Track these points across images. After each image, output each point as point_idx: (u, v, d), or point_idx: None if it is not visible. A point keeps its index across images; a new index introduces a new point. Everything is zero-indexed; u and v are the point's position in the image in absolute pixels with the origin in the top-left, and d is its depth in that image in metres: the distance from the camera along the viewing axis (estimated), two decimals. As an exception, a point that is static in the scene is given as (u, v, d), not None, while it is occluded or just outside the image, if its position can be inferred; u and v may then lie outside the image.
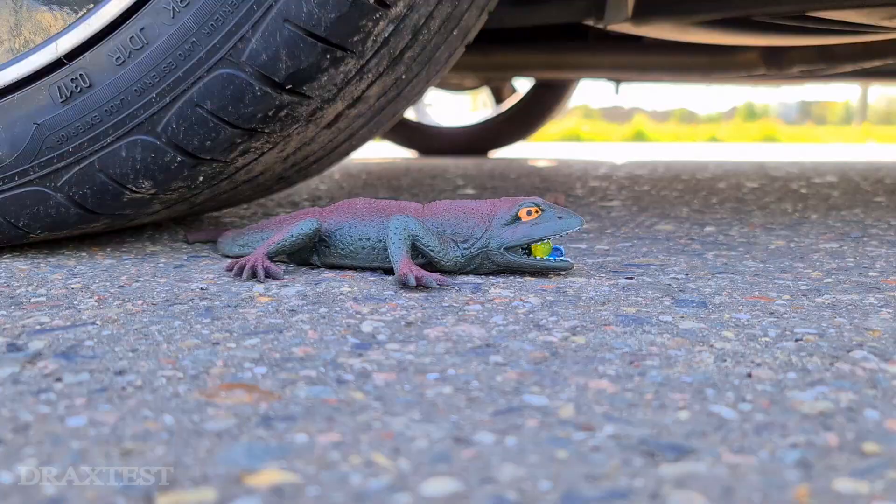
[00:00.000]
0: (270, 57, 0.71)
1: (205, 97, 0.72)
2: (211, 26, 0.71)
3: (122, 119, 0.73)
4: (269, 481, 0.32)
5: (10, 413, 0.39)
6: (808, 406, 0.40)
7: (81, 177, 0.75)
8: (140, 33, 0.72)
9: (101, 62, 0.73)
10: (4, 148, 0.75)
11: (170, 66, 0.72)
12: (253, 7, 0.70)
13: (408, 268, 0.66)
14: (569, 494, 0.31)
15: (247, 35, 0.70)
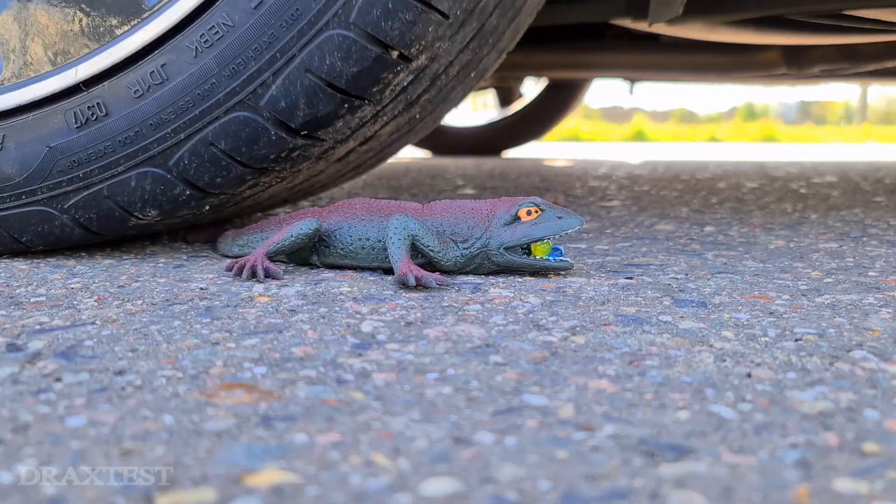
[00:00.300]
0: (289, 104, 0.72)
1: (220, 137, 0.73)
2: (232, 69, 0.71)
3: (134, 150, 0.74)
4: (268, 481, 0.32)
5: (10, 413, 0.39)
6: (808, 406, 0.41)
7: (89, 201, 0.76)
8: (161, 69, 0.73)
9: (120, 93, 0.74)
10: (15, 167, 0.75)
11: (188, 104, 0.72)
12: (276, 55, 0.71)
13: (407, 268, 0.66)
14: (568, 494, 0.31)
15: (267, 81, 0.71)
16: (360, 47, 0.70)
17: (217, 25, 0.71)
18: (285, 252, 0.73)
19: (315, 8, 0.69)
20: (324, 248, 0.75)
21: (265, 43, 0.71)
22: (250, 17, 0.71)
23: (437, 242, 0.70)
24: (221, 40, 0.71)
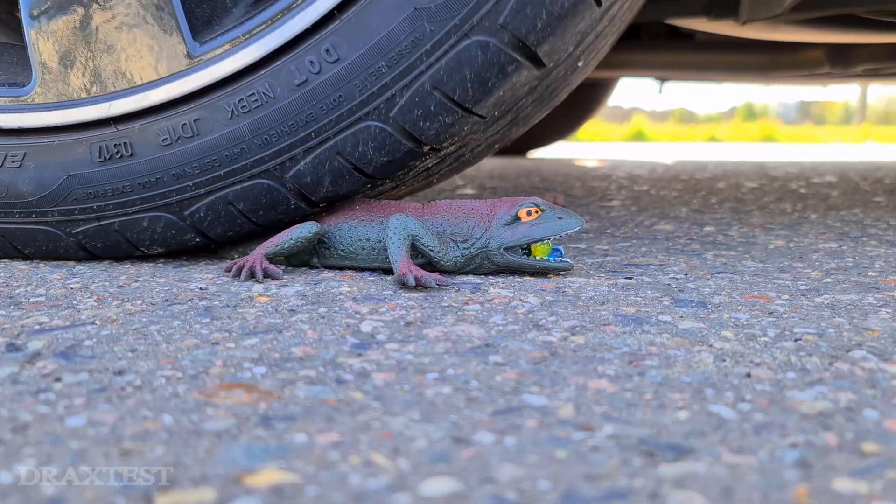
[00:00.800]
0: (314, 181, 0.73)
1: (240, 199, 0.74)
2: (264, 139, 0.72)
3: (152, 195, 0.74)
4: (268, 481, 0.32)
5: (10, 413, 0.39)
6: (808, 406, 0.41)
7: (98, 232, 0.76)
8: (193, 123, 0.73)
9: (148, 137, 0.74)
10: (30, 186, 0.75)
11: (214, 162, 0.73)
12: (311, 135, 0.71)
13: (407, 268, 0.66)
14: (568, 494, 0.31)
15: (297, 157, 0.72)
16: (395, 141, 0.71)
17: (258, 94, 0.72)
18: (284, 254, 0.73)
19: (358, 98, 0.70)
20: (324, 250, 0.75)
21: (302, 121, 0.71)
22: (292, 93, 0.71)
23: (437, 242, 0.70)
24: (259, 109, 0.72)
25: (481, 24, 0.68)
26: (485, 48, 0.69)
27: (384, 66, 0.70)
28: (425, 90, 0.70)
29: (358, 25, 0.70)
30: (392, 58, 0.69)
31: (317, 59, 0.70)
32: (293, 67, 0.71)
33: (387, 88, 0.70)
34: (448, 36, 0.68)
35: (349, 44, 0.70)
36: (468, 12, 0.68)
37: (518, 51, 0.69)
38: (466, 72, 0.69)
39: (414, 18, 0.68)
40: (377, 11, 0.69)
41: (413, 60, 0.69)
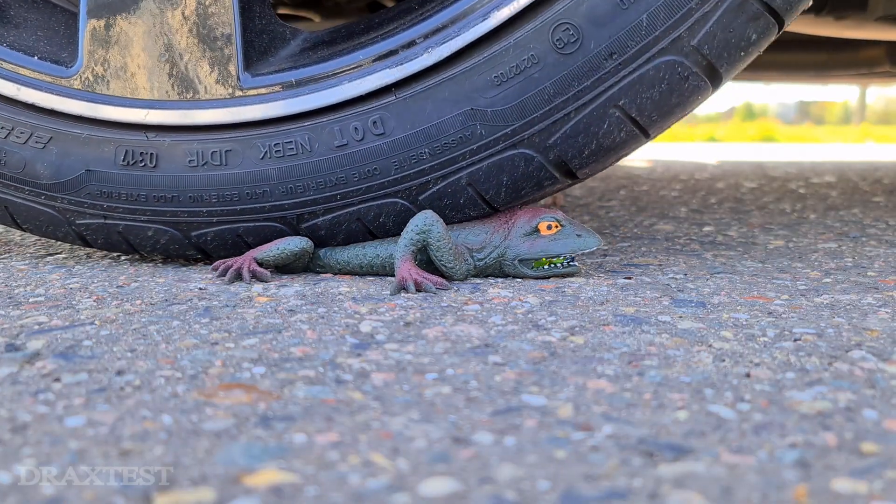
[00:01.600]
0: (327, 236, 0.74)
1: (250, 234, 0.74)
2: (289, 188, 0.73)
3: (164, 210, 0.74)
4: (267, 481, 0.32)
5: (9, 413, 0.39)
6: (807, 406, 0.41)
7: (101, 228, 0.76)
8: (224, 153, 0.73)
9: (176, 155, 0.73)
10: (48, 170, 0.75)
11: (233, 196, 0.73)
12: (336, 196, 0.72)
13: (408, 272, 0.66)
14: (568, 494, 0.31)
15: (317, 212, 0.73)
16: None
17: (295, 143, 0.72)
18: (270, 263, 0.71)
19: (393, 175, 0.71)
20: (319, 267, 0.74)
21: (331, 181, 0.72)
22: (329, 152, 0.71)
23: (453, 257, 0.68)
24: (292, 157, 0.72)
25: (531, 139, 0.69)
26: (529, 161, 0.70)
27: (426, 153, 0.70)
28: (460, 185, 0.71)
29: (412, 107, 0.70)
30: (436, 147, 0.70)
31: (362, 127, 0.71)
32: (337, 128, 0.71)
33: (423, 174, 0.71)
34: (497, 142, 0.69)
35: (398, 122, 0.70)
36: (522, 126, 0.69)
37: (559, 169, 0.71)
38: (505, 178, 0.70)
39: (468, 117, 0.69)
40: (434, 100, 0.70)
41: (456, 155, 0.70)
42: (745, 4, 0.67)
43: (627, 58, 0.67)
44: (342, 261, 0.73)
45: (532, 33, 0.68)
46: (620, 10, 0.67)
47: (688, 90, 0.69)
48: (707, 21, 0.67)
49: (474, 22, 0.69)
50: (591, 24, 0.67)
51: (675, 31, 0.67)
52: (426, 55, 0.69)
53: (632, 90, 0.68)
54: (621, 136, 0.70)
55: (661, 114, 0.70)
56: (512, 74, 0.68)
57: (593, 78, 0.68)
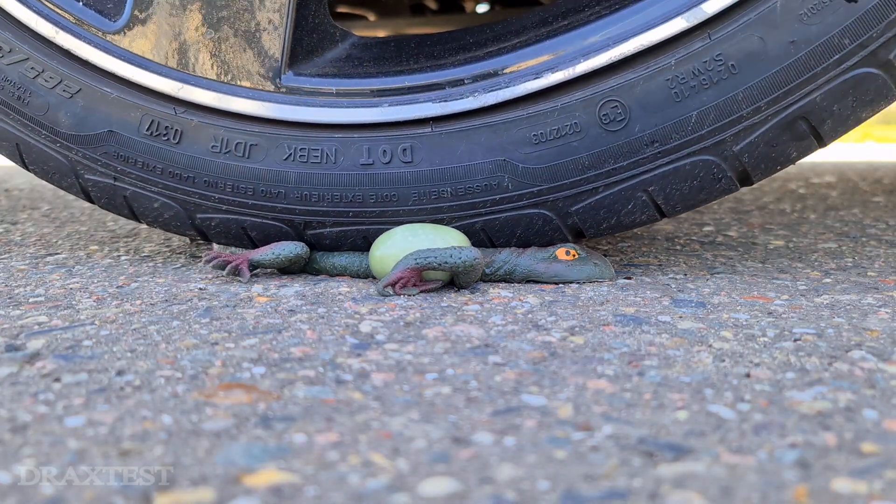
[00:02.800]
0: (331, 246, 0.75)
1: (254, 228, 0.74)
2: (304, 195, 0.72)
3: (176, 187, 0.73)
4: (267, 481, 0.32)
5: (9, 413, 0.39)
6: (807, 406, 0.41)
7: (108, 189, 0.75)
8: (249, 146, 0.71)
9: (200, 136, 0.72)
10: (70, 120, 0.73)
11: (246, 190, 0.72)
12: (349, 213, 0.72)
13: (405, 283, 0.64)
14: (568, 494, 0.31)
15: (325, 223, 0.72)
16: None
17: (321, 151, 0.71)
18: (266, 266, 0.71)
19: (410, 206, 0.71)
20: (314, 271, 0.74)
21: (347, 198, 0.71)
22: (355, 170, 0.71)
23: (469, 281, 0.67)
24: (314, 165, 0.71)
25: (554, 203, 0.69)
26: (547, 222, 0.70)
27: (448, 192, 0.70)
28: (473, 229, 0.71)
29: (445, 144, 0.69)
30: (460, 189, 0.70)
31: (391, 151, 0.70)
32: (366, 146, 0.70)
33: (440, 211, 0.70)
34: (521, 198, 0.69)
35: (428, 155, 0.70)
36: (549, 189, 0.69)
37: (572, 232, 0.71)
38: (519, 231, 0.70)
39: (499, 167, 0.69)
40: (469, 143, 0.69)
41: (477, 201, 0.70)
42: (793, 124, 0.66)
43: (668, 149, 0.67)
44: (339, 266, 0.72)
45: (580, 102, 0.67)
46: (673, 101, 0.66)
47: (717, 189, 0.69)
48: (753, 132, 0.66)
49: (526, 77, 0.68)
50: (641, 108, 0.67)
51: (720, 133, 0.67)
52: (471, 98, 0.69)
53: (664, 179, 0.68)
54: (641, 218, 0.70)
55: (685, 205, 0.70)
56: (551, 137, 0.68)
57: (630, 160, 0.68)
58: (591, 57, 0.67)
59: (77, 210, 1.25)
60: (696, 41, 0.66)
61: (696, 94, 0.66)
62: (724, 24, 0.66)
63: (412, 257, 0.64)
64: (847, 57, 0.65)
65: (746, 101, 0.66)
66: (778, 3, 0.65)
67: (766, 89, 0.66)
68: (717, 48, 0.66)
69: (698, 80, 0.66)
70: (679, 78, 0.66)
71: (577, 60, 0.67)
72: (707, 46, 0.66)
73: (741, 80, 0.66)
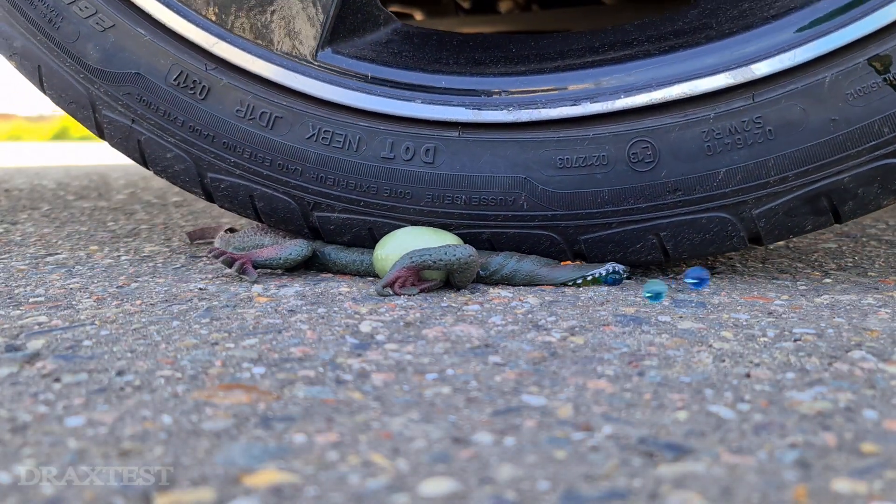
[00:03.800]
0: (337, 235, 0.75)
1: (261, 200, 0.74)
2: (320, 176, 0.72)
3: (192, 142, 0.73)
4: (267, 481, 0.32)
5: (9, 413, 0.39)
6: (807, 406, 0.41)
7: (124, 130, 0.74)
8: (273, 117, 0.72)
9: (226, 97, 0.72)
10: (99, 54, 0.72)
11: (264, 160, 0.72)
12: (353, 202, 0.72)
13: (403, 282, 0.64)
14: (568, 494, 0.31)
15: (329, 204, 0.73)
16: None
17: (344, 137, 0.71)
18: (272, 268, 0.72)
19: (423, 207, 0.71)
20: (319, 265, 0.74)
21: (374, 187, 0.71)
22: (376, 161, 0.70)
23: (466, 281, 0.67)
24: (338, 150, 0.71)
25: (565, 229, 0.69)
26: (554, 244, 0.70)
27: (462, 200, 0.70)
28: (480, 239, 0.71)
29: (469, 151, 0.69)
30: (474, 199, 0.70)
31: (413, 149, 0.70)
32: (390, 140, 0.70)
33: (450, 217, 0.71)
34: (533, 218, 0.69)
35: (450, 159, 0.69)
36: (563, 215, 0.69)
37: (576, 258, 0.71)
38: (523, 248, 0.71)
39: (518, 184, 0.69)
40: (493, 154, 0.69)
41: (489, 214, 0.70)
42: (816, 199, 0.66)
43: (689, 200, 0.67)
44: (343, 262, 0.72)
45: (612, 136, 0.67)
46: (704, 154, 0.66)
47: (726, 245, 0.69)
48: (776, 199, 0.66)
49: (564, 102, 0.68)
50: (672, 154, 0.67)
51: (743, 195, 0.66)
52: (505, 111, 0.69)
53: (678, 228, 0.68)
54: (646, 257, 0.70)
55: (691, 254, 0.70)
56: (577, 165, 0.68)
57: (650, 203, 0.68)
58: (632, 94, 0.67)
59: (77, 210, 1.25)
60: (738, 99, 0.66)
61: (728, 151, 0.66)
62: (769, 88, 0.65)
63: (408, 256, 0.65)
64: (883, 145, 0.64)
65: (776, 168, 0.66)
66: (827, 78, 0.64)
67: (798, 161, 0.65)
68: (758, 111, 0.65)
69: (733, 138, 0.66)
70: (715, 132, 0.66)
71: (618, 95, 0.67)
72: (749, 107, 0.65)
73: (775, 147, 0.65)
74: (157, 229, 1.03)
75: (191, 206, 1.33)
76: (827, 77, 0.64)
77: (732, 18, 0.69)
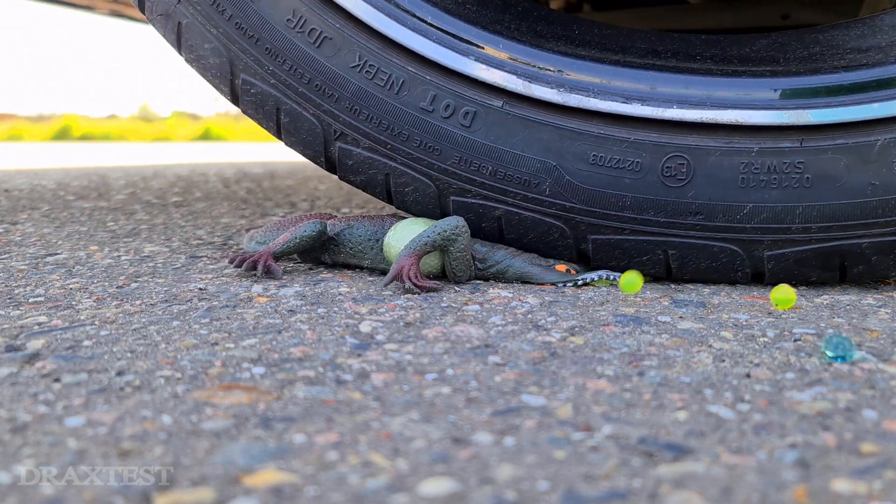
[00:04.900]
0: None
1: (286, 114, 0.72)
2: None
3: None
4: (267, 481, 0.32)
5: (9, 413, 0.39)
6: (807, 406, 0.41)
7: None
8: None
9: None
10: None
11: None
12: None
13: (408, 269, 0.65)
14: (568, 494, 0.31)
15: None
16: None
17: (380, 71, 0.70)
18: (291, 252, 0.73)
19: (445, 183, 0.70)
20: (333, 247, 0.75)
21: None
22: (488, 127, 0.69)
23: (466, 266, 0.68)
24: (371, 81, 0.71)
25: (577, 224, 0.69)
26: (563, 236, 0.70)
27: (488, 170, 0.69)
28: (492, 214, 0.71)
29: (507, 124, 0.69)
30: (500, 172, 0.69)
31: (454, 108, 0.69)
32: (432, 93, 0.69)
33: (471, 182, 0.70)
34: (551, 206, 0.69)
35: (486, 127, 0.69)
36: (580, 210, 0.68)
37: (580, 255, 0.71)
38: (531, 235, 0.71)
39: (546, 170, 0.68)
40: (530, 133, 0.68)
41: (509, 190, 0.69)
42: (830, 257, 0.66)
43: (708, 225, 0.67)
44: (351, 244, 0.73)
45: (651, 145, 0.67)
46: (737, 185, 0.66)
47: (729, 277, 0.69)
48: (791, 247, 0.66)
49: (614, 97, 0.67)
50: (705, 177, 0.66)
51: (761, 234, 0.66)
52: (555, 91, 0.68)
53: (689, 250, 0.68)
54: (648, 271, 0.70)
55: (693, 277, 0.70)
56: (609, 164, 0.67)
57: (669, 219, 0.67)
58: (685, 108, 0.66)
59: (77, 210, 1.25)
60: (786, 140, 0.65)
61: (761, 188, 0.65)
62: (820, 136, 0.65)
63: (406, 248, 0.66)
64: None
65: (802, 217, 0.65)
66: (879, 142, 0.64)
67: (826, 215, 0.65)
68: (802, 156, 0.65)
69: (770, 176, 0.65)
70: (753, 166, 0.65)
71: (671, 105, 0.66)
72: (795, 150, 0.65)
73: (808, 196, 0.65)
74: (157, 229, 1.03)
75: (191, 207, 1.33)
76: (879, 140, 0.64)
77: (801, 59, 0.69)
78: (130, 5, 1.47)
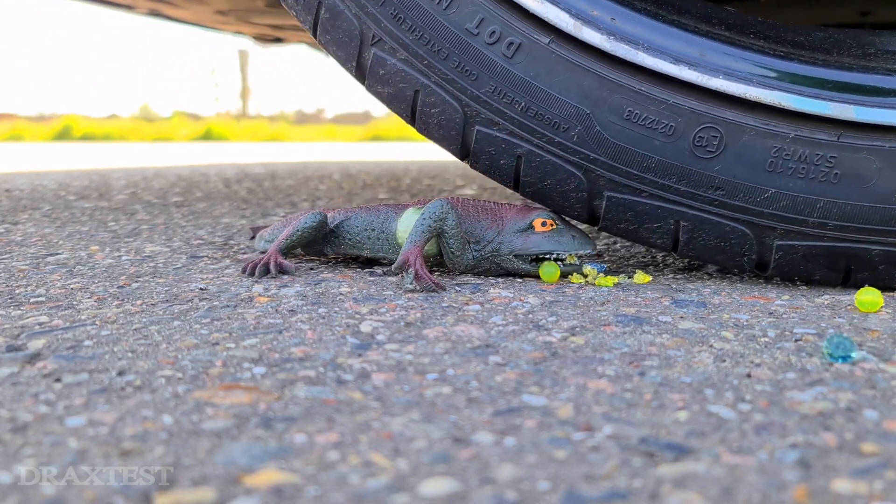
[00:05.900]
0: None
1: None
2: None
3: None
4: (267, 481, 0.32)
5: (9, 413, 0.39)
6: (808, 406, 0.41)
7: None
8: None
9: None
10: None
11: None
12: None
13: (415, 257, 0.66)
14: (568, 494, 0.31)
15: None
16: None
17: None
18: (296, 245, 0.75)
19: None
20: (334, 239, 0.76)
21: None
22: None
23: (460, 244, 0.69)
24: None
25: (596, 179, 0.68)
26: (578, 188, 0.69)
27: (520, 105, 0.68)
28: (513, 153, 0.69)
29: (548, 62, 0.67)
30: (531, 110, 0.68)
31: (499, 35, 0.67)
32: (480, 16, 0.68)
33: (501, 115, 0.69)
34: (575, 153, 0.68)
35: (526, 62, 0.67)
36: (603, 163, 0.68)
37: (590, 213, 0.70)
38: (548, 180, 0.70)
39: (578, 117, 0.67)
40: (570, 77, 0.67)
41: (536, 131, 0.68)
42: (838, 257, 0.66)
43: (726, 203, 0.66)
44: (353, 235, 0.75)
45: (689, 112, 0.66)
46: (764, 168, 0.65)
47: (733, 261, 0.69)
48: (802, 240, 0.66)
49: (663, 56, 0.66)
50: (735, 153, 0.66)
51: (777, 222, 0.66)
52: (604, 37, 0.66)
53: (701, 224, 0.67)
54: (655, 241, 0.69)
55: (697, 254, 0.69)
56: (642, 123, 0.67)
57: (689, 189, 0.67)
58: (731, 80, 0.65)
59: (78, 210, 1.25)
60: (824, 132, 0.64)
61: (787, 175, 0.65)
62: (858, 134, 0.64)
63: (407, 242, 0.67)
64: None
65: (821, 212, 0.65)
66: None
67: (845, 215, 0.65)
68: (836, 151, 0.64)
69: (798, 165, 0.65)
70: (785, 152, 0.65)
71: (717, 74, 0.65)
72: (830, 143, 0.64)
73: (832, 192, 0.65)
74: (158, 229, 1.03)
75: (191, 207, 1.33)
76: None
77: (854, 56, 0.68)
78: (171, 4, 1.45)
